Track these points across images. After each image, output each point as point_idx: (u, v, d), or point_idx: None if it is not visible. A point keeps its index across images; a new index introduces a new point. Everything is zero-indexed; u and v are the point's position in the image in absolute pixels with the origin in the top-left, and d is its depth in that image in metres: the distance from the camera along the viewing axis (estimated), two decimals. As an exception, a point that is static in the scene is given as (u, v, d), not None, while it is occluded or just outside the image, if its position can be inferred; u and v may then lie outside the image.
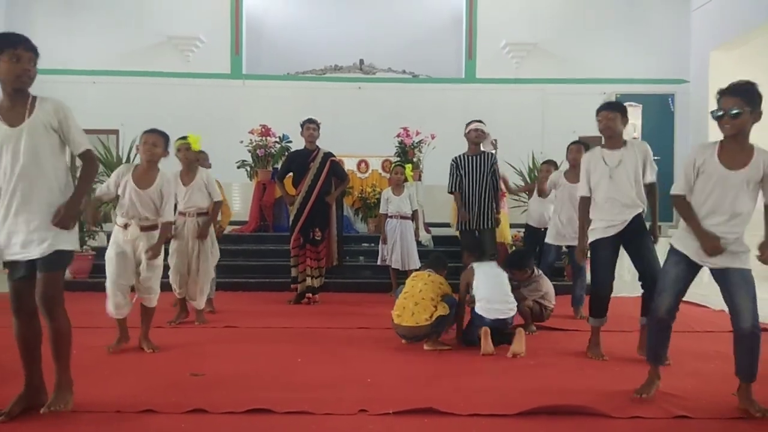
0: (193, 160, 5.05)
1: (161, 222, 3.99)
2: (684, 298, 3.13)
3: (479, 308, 4.18)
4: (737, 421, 2.81)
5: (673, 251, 3.06)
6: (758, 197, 2.94)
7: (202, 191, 4.98)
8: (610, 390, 3.24)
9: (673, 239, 3.09)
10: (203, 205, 4.98)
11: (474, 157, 5.93)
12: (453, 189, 6.02)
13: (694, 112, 9.77)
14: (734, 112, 2.84)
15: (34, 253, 2.64)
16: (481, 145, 6.00)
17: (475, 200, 5.91)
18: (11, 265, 2.71)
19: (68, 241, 2.73)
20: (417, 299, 4.20)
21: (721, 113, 2.89)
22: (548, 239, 5.61)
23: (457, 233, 6.61)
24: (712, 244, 2.90)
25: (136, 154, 7.90)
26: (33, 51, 2.67)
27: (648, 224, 3.98)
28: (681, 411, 2.88)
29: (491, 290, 4.22)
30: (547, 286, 5.00)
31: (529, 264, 4.98)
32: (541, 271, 5.13)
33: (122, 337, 4.08)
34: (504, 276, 4.41)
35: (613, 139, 3.97)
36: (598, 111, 4.01)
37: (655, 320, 3.09)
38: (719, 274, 2.93)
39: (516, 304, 4.33)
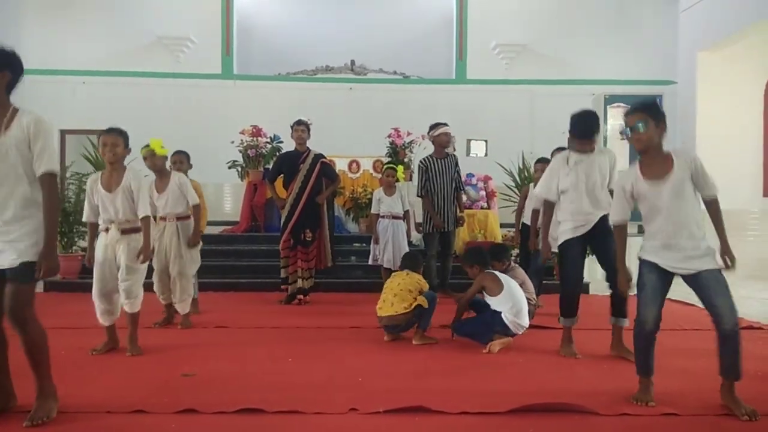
0: (162, 166, 4.94)
1: (140, 218, 3.92)
2: (671, 297, 3.16)
3: (509, 321, 4.19)
4: (724, 418, 2.84)
5: (643, 263, 3.07)
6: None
7: (177, 196, 4.88)
8: (599, 388, 3.27)
9: (640, 251, 3.10)
10: (181, 210, 4.91)
11: (441, 160, 6.11)
12: (422, 192, 6.15)
13: (682, 112, 9.84)
14: (641, 126, 2.95)
15: (3, 263, 2.59)
16: (452, 147, 6.23)
17: (444, 202, 6.06)
18: None
19: (39, 254, 2.64)
20: (396, 291, 4.40)
21: (628, 130, 3.01)
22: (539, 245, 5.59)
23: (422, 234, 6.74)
24: (625, 284, 3.19)
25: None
26: None
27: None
28: (668, 408, 2.92)
29: (519, 306, 4.25)
30: (523, 275, 5.16)
31: (507, 256, 5.22)
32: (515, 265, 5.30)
33: (109, 341, 4.04)
34: (521, 290, 4.51)
35: (586, 144, 4.02)
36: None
37: (643, 335, 3.05)
38: (692, 280, 2.95)
39: (528, 317, 4.42)
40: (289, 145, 7.09)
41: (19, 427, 2.61)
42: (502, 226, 8.44)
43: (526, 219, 6.19)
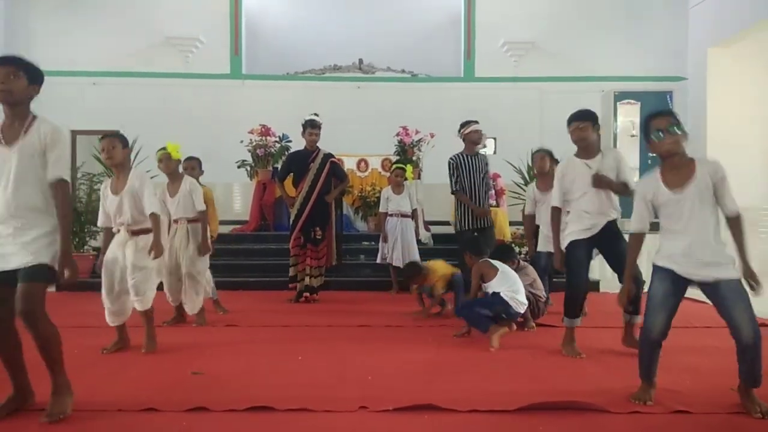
0: (175, 169, 4.97)
1: (149, 215, 3.93)
2: (685, 296, 3.12)
3: (510, 298, 4.34)
4: (736, 416, 2.82)
5: (657, 269, 3.02)
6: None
7: (188, 200, 4.91)
8: (609, 385, 3.26)
9: (655, 257, 3.05)
10: (191, 215, 4.93)
11: (472, 157, 6.01)
12: (456, 188, 6.04)
13: (692, 109, 9.77)
14: (674, 129, 2.89)
15: (14, 263, 2.64)
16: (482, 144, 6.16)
17: (477, 199, 5.95)
18: None
19: (52, 257, 2.71)
20: None
21: (660, 133, 2.92)
22: (539, 247, 5.52)
23: (455, 232, 6.60)
24: (625, 295, 3.17)
25: (136, 155, 7.94)
26: (13, 64, 2.68)
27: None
28: (680, 406, 2.90)
29: (516, 285, 4.43)
30: (534, 274, 5.16)
31: (513, 255, 5.20)
32: (525, 263, 5.28)
33: (119, 341, 4.07)
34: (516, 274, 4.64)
35: (587, 149, 4.01)
36: (569, 122, 4.05)
37: (648, 342, 3.01)
38: (710, 289, 2.89)
39: (527, 302, 4.54)
40: (297, 144, 7.11)
41: (36, 424, 2.63)
42: (511, 224, 8.42)
43: (528, 210, 6.10)
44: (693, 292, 3.05)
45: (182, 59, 10.86)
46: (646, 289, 3.28)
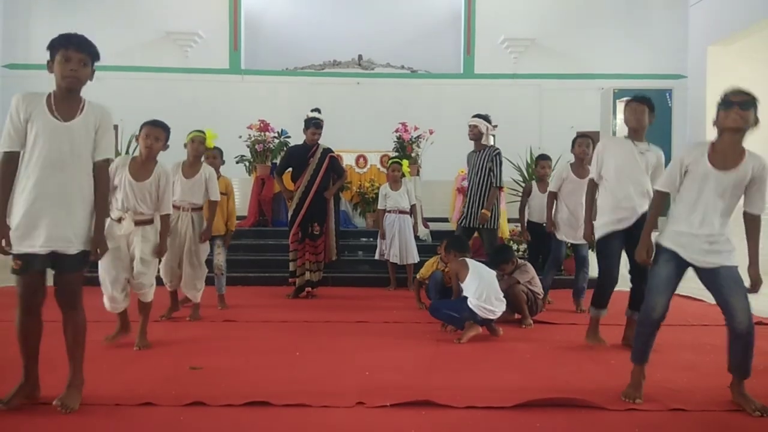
0: (201, 155, 4.97)
1: (161, 215, 3.94)
2: (679, 293, 3.14)
3: (474, 306, 4.28)
4: (733, 414, 2.83)
5: (662, 249, 3.02)
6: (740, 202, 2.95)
7: (201, 187, 4.88)
8: (606, 383, 3.26)
9: (660, 237, 3.05)
10: (198, 201, 4.90)
11: (476, 154, 5.85)
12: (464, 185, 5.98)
13: (692, 107, 9.78)
14: (747, 105, 2.84)
15: (62, 248, 2.67)
16: (485, 139, 5.80)
17: (472, 198, 5.82)
18: (26, 257, 2.64)
19: (90, 241, 2.80)
20: None
21: (730, 104, 2.87)
22: (559, 236, 5.49)
23: (454, 226, 6.58)
24: (645, 253, 3.06)
25: (135, 149, 7.93)
26: (86, 52, 2.72)
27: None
28: (676, 404, 2.91)
29: (486, 290, 4.31)
30: (533, 273, 5.13)
31: (512, 255, 5.17)
32: (524, 261, 5.26)
33: (122, 327, 4.07)
34: (494, 275, 4.57)
35: (639, 132, 3.97)
36: (628, 102, 4.01)
37: (649, 322, 3.02)
38: (708, 274, 2.90)
39: (505, 301, 4.45)
40: (296, 139, 7.10)
41: (36, 416, 2.65)
42: (509, 221, 8.41)
43: (532, 216, 6.11)
44: (688, 289, 3.05)
45: (181, 54, 10.85)
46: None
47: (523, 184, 8.67)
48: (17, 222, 2.63)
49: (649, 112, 3.94)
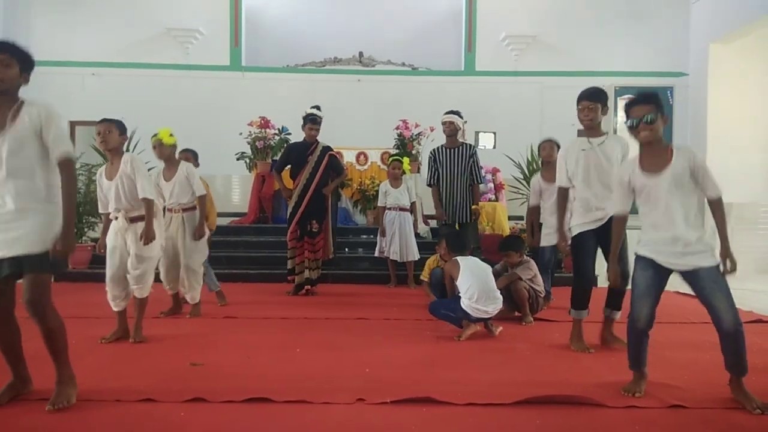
0: (170, 155, 4.94)
1: (142, 199, 3.94)
2: (679, 290, 3.14)
3: (466, 306, 4.27)
4: (732, 411, 2.82)
5: (639, 258, 3.05)
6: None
7: (184, 186, 4.88)
8: (606, 380, 3.26)
9: (638, 247, 3.08)
10: (187, 201, 4.92)
11: (451, 150, 5.86)
12: (431, 183, 6.01)
13: (693, 105, 9.77)
14: (650, 118, 2.92)
15: (19, 251, 2.59)
16: (462, 135, 5.96)
17: (453, 194, 5.82)
18: None
19: (53, 240, 2.67)
20: None
21: (636, 121, 2.97)
22: (542, 242, 5.44)
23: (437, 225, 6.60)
24: (615, 278, 3.25)
25: (136, 145, 7.94)
26: (6, 52, 2.63)
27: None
28: (676, 401, 2.91)
29: (478, 289, 4.29)
30: (536, 269, 5.11)
31: (521, 246, 5.15)
32: (529, 258, 5.22)
33: (118, 330, 4.09)
34: (489, 271, 4.51)
35: (593, 129, 4.00)
36: (579, 100, 4.01)
37: (635, 331, 3.05)
38: (690, 276, 2.92)
39: (500, 299, 4.42)
40: (296, 136, 7.10)
41: (36, 412, 2.65)
42: (510, 218, 8.42)
43: (532, 203, 6.02)
44: (687, 287, 3.05)
45: (182, 51, 10.83)
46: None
47: (524, 182, 8.69)
48: None
49: (601, 107, 3.97)
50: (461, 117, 6.03)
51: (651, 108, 2.94)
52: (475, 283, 4.30)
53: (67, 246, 2.67)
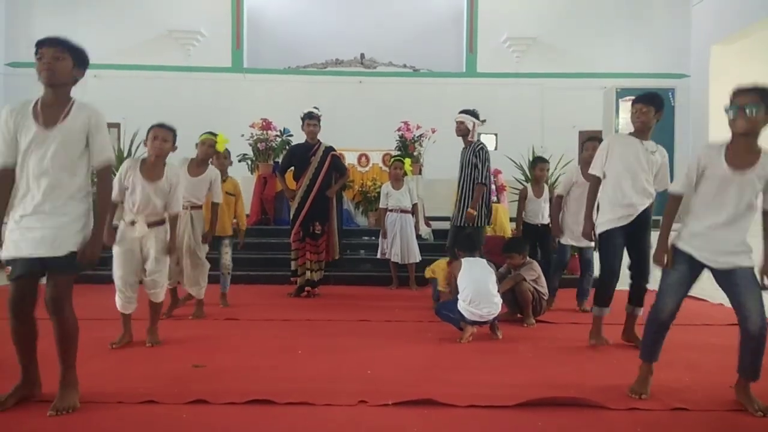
0: (210, 157, 5.05)
1: (170, 213, 3.98)
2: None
3: (462, 308, 4.27)
4: (735, 414, 2.82)
5: (676, 251, 3.01)
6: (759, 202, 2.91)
7: (203, 187, 4.92)
8: (608, 382, 3.26)
9: (676, 239, 3.04)
10: (198, 201, 4.94)
11: (464, 150, 5.76)
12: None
13: (695, 106, 9.77)
14: (753, 109, 2.78)
15: (46, 251, 2.63)
16: (471, 135, 5.66)
17: (458, 195, 5.72)
18: (15, 263, 2.67)
19: (81, 243, 2.72)
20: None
21: (735, 109, 2.83)
22: (565, 240, 5.45)
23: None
24: (662, 256, 3.02)
25: (137, 148, 7.94)
26: (58, 45, 2.69)
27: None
28: (679, 403, 2.90)
29: (473, 291, 4.28)
30: (539, 271, 5.10)
31: (524, 249, 5.14)
32: (531, 260, 5.23)
33: (126, 334, 4.08)
34: (490, 274, 4.45)
35: (645, 132, 3.97)
36: (634, 102, 3.99)
37: (657, 322, 3.03)
38: (723, 276, 2.89)
39: (500, 302, 4.40)
40: (298, 138, 7.10)
41: (40, 416, 2.64)
42: (511, 220, 8.40)
43: (528, 218, 6.02)
44: (693, 291, 3.05)
45: (184, 53, 10.86)
46: (650, 286, 3.30)
47: (525, 183, 8.67)
48: (10, 228, 2.67)
49: (655, 112, 3.93)
50: (476, 117, 5.72)
51: (756, 98, 2.78)
52: (471, 285, 4.29)
53: (95, 253, 2.74)
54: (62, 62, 2.70)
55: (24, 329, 2.76)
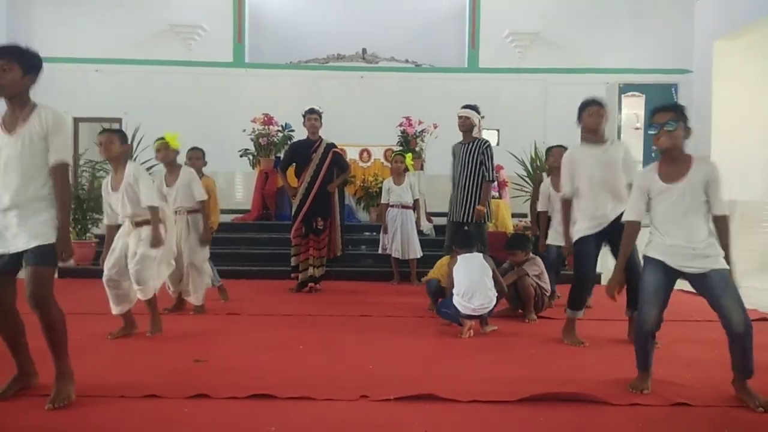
0: (173, 159, 4.94)
1: (147, 207, 3.98)
2: (683, 288, 3.13)
3: (456, 302, 4.28)
4: (736, 409, 2.82)
5: (648, 260, 3.06)
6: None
7: (187, 191, 4.90)
8: (609, 378, 3.26)
9: (647, 249, 3.09)
10: (190, 205, 4.93)
11: (465, 146, 5.74)
12: (451, 179, 5.94)
13: (698, 102, 9.72)
14: (671, 125, 2.92)
15: (20, 245, 2.66)
16: (476, 131, 5.70)
17: (461, 191, 5.71)
18: None
19: (51, 237, 2.72)
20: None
21: (657, 127, 2.96)
22: (549, 240, 5.44)
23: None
24: (615, 287, 3.16)
25: (139, 142, 7.94)
26: (4, 56, 2.65)
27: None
28: (680, 399, 2.90)
29: (466, 285, 4.29)
30: (542, 266, 5.09)
31: (527, 245, 5.13)
32: (534, 255, 5.21)
33: (126, 326, 4.10)
34: (486, 269, 4.43)
35: (597, 134, 4.01)
36: (585, 105, 4.03)
37: (643, 334, 3.06)
38: (699, 280, 2.92)
39: (495, 296, 4.38)
40: (300, 133, 7.09)
41: (41, 408, 2.65)
42: (513, 215, 8.41)
43: (542, 207, 6.01)
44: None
45: (185, 47, 10.83)
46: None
47: (527, 179, 8.67)
48: None
49: (606, 113, 4.02)
50: (478, 112, 5.78)
51: (673, 115, 2.93)
52: (464, 279, 4.31)
53: (64, 249, 2.73)
54: (9, 74, 2.66)
55: (6, 325, 2.79)
